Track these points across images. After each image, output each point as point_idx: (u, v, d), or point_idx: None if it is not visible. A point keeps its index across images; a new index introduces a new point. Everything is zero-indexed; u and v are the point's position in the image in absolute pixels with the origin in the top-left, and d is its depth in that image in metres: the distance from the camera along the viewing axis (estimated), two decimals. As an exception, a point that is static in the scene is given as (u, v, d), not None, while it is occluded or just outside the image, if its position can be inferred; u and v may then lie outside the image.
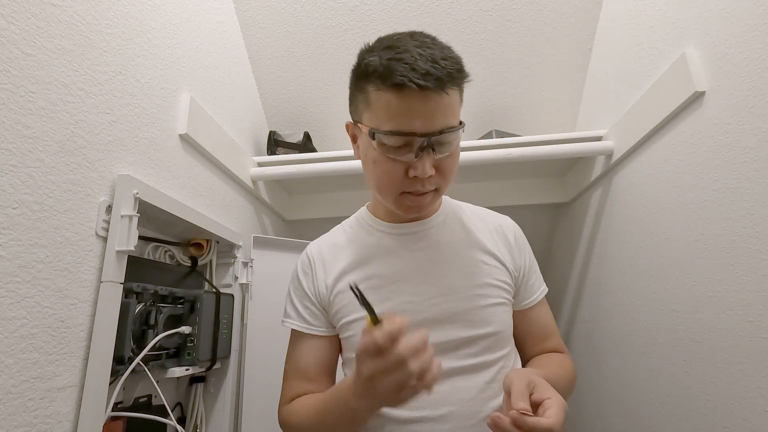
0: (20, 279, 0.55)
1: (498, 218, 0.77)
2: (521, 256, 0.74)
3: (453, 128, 0.57)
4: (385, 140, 0.57)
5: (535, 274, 0.75)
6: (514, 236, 0.75)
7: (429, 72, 0.53)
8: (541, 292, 0.75)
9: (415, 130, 0.55)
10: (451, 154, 0.60)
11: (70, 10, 0.66)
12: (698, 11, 0.86)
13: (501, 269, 0.70)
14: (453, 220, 0.74)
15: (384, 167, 0.60)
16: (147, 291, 0.79)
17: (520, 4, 1.34)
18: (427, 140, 0.56)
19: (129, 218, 0.71)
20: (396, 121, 0.56)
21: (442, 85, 0.54)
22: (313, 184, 1.60)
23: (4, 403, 0.52)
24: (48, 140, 0.61)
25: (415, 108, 0.55)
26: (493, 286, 0.68)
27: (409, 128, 0.56)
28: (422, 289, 0.67)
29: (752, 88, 0.73)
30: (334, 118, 1.59)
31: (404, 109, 0.55)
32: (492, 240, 0.73)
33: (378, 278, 0.69)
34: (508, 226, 0.76)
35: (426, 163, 0.57)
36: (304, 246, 1.35)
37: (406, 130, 0.56)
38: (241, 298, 1.15)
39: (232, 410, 1.05)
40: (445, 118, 0.56)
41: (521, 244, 0.75)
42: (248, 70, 1.45)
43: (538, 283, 0.75)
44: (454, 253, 0.70)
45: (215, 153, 1.08)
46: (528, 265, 0.74)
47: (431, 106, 0.55)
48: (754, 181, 0.74)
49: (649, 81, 1.04)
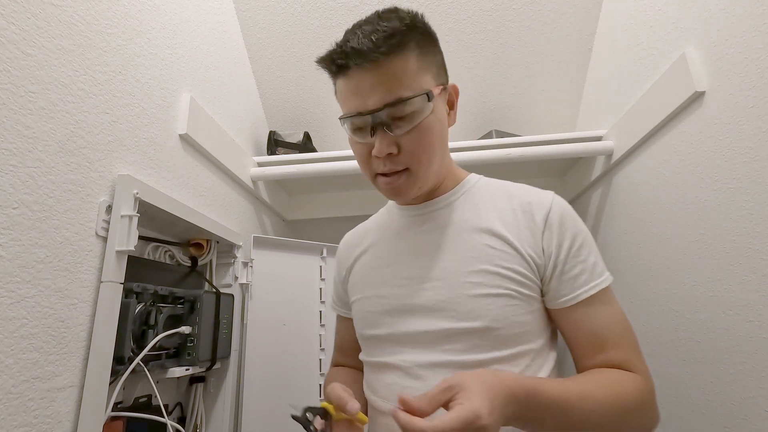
0: (20, 279, 0.55)
1: (531, 195, 0.63)
2: (554, 240, 0.59)
3: (399, 101, 0.53)
4: (346, 125, 0.58)
5: (583, 264, 0.58)
6: (545, 216, 0.60)
7: (358, 49, 0.52)
8: (591, 288, 0.57)
9: (360, 110, 0.55)
10: (414, 128, 0.55)
11: (70, 10, 0.66)
12: (698, 11, 0.86)
13: (511, 255, 0.58)
14: (469, 199, 0.65)
15: (356, 151, 0.61)
16: (147, 291, 0.79)
17: (520, 4, 1.34)
18: (374, 118, 0.54)
19: (129, 218, 0.71)
20: (347, 105, 0.57)
21: (375, 58, 0.52)
22: (313, 184, 1.60)
23: (4, 403, 0.52)
24: (48, 140, 0.61)
25: (357, 87, 0.54)
26: (493, 274, 0.57)
27: (355, 109, 0.55)
28: (414, 273, 0.62)
29: (752, 88, 0.73)
30: (334, 118, 1.59)
31: (348, 90, 0.56)
32: (510, 221, 0.61)
33: (379, 260, 0.69)
34: (539, 204, 0.61)
35: (380, 142, 0.55)
36: (304, 246, 1.36)
37: (353, 112, 0.56)
38: (241, 298, 1.15)
39: (232, 410, 1.05)
40: (388, 92, 0.53)
41: (556, 227, 0.59)
42: (248, 70, 1.45)
43: (586, 276, 0.58)
44: (455, 236, 0.62)
45: (215, 153, 1.08)
46: (567, 253, 0.58)
47: (370, 83, 0.53)
48: (754, 181, 0.74)
49: (649, 81, 1.04)
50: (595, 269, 0.58)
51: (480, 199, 0.65)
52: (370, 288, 0.68)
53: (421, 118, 0.55)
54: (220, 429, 1.01)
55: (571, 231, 0.60)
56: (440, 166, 0.63)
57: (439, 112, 0.59)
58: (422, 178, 0.60)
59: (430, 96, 0.55)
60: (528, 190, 0.65)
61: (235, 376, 1.07)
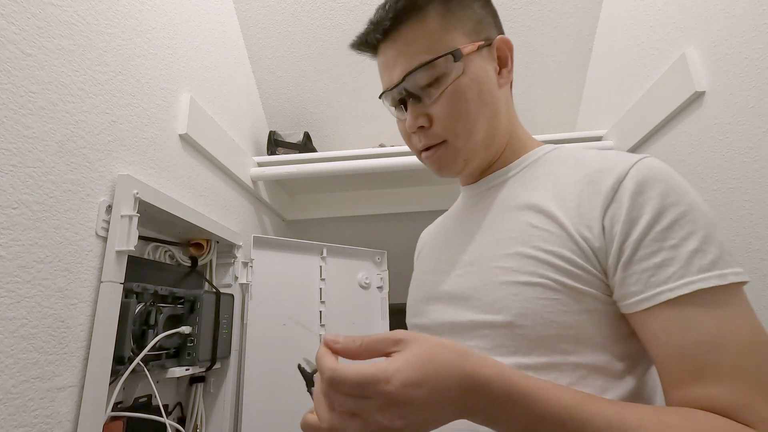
0: (20, 279, 0.55)
1: (608, 161, 0.46)
2: (623, 215, 0.41)
3: (419, 67, 0.48)
4: (386, 104, 0.56)
5: (671, 251, 0.39)
6: (616, 183, 0.42)
7: (375, 22, 0.51)
8: (682, 285, 0.37)
9: (388, 85, 0.52)
10: (443, 94, 0.49)
11: (70, 10, 0.66)
12: (698, 11, 0.86)
13: (555, 235, 0.44)
14: (529, 173, 0.53)
15: (399, 129, 0.58)
16: (147, 291, 0.79)
17: (520, 4, 1.34)
18: (399, 90, 0.51)
19: (129, 218, 0.71)
20: (383, 83, 0.54)
21: (389, 26, 0.49)
22: (313, 184, 1.60)
23: (4, 403, 0.52)
24: (48, 140, 0.61)
25: (385, 62, 0.52)
26: (528, 258, 0.44)
27: (385, 85, 0.53)
28: (455, 257, 0.54)
29: (752, 88, 0.73)
30: (334, 118, 1.59)
31: (381, 67, 0.54)
32: (568, 194, 0.46)
33: (433, 246, 0.63)
34: (612, 169, 0.44)
35: (409, 116, 0.51)
36: (304, 246, 1.36)
37: (384, 89, 0.54)
38: (241, 298, 1.15)
39: (232, 410, 1.05)
40: (408, 60, 0.49)
41: (629, 196, 0.41)
42: (248, 70, 1.45)
43: (675, 268, 0.38)
44: (498, 214, 0.52)
45: (215, 153, 1.08)
46: (642, 233, 0.40)
47: (393, 55, 0.51)
48: (754, 181, 0.74)
49: (649, 81, 1.04)
50: (695, 260, 0.38)
51: (542, 171, 0.52)
52: (418, 275, 0.63)
53: (449, 81, 0.48)
54: (220, 429, 1.01)
55: (655, 202, 0.40)
56: (488, 135, 0.52)
57: (476, 72, 0.50)
58: (463, 149, 0.51)
59: (457, 55, 0.48)
60: (608, 156, 0.47)
61: (235, 376, 1.07)
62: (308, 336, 1.27)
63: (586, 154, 0.50)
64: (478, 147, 0.52)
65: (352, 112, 1.55)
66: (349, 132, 1.61)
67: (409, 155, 1.28)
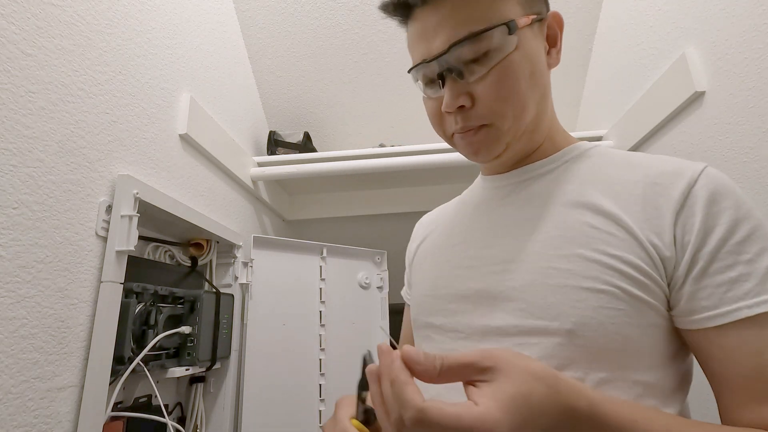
0: (20, 279, 0.55)
1: (667, 164, 0.43)
2: (696, 224, 0.39)
3: (469, 36, 0.41)
4: (414, 77, 0.48)
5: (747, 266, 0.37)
6: (686, 189, 0.40)
7: None
8: (762, 302, 0.36)
9: (425, 56, 0.45)
10: (492, 70, 0.43)
11: (70, 10, 0.66)
12: (698, 11, 0.86)
13: (622, 240, 0.40)
14: (573, 168, 0.49)
15: (427, 108, 0.50)
16: (147, 291, 0.79)
17: (520, 4, 1.34)
18: (440, 63, 0.43)
19: (129, 218, 0.71)
20: (415, 54, 0.47)
21: None
22: (313, 184, 1.60)
23: (4, 403, 0.52)
24: (48, 140, 0.61)
25: (423, 29, 0.45)
26: (592, 261, 0.40)
27: (420, 56, 0.45)
28: (485, 252, 0.48)
29: (752, 88, 0.73)
30: (334, 118, 1.59)
31: (414, 36, 0.46)
32: (626, 195, 0.43)
33: (448, 237, 0.56)
34: (678, 174, 0.42)
35: (449, 93, 0.44)
36: (304, 246, 1.36)
37: (419, 60, 0.45)
38: (241, 298, 1.15)
39: (232, 410, 1.05)
40: (455, 28, 0.42)
41: (703, 204, 0.39)
42: (248, 70, 1.45)
43: (752, 284, 0.37)
44: (545, 209, 0.46)
45: (215, 153, 1.08)
46: (718, 245, 0.38)
47: (435, 21, 0.43)
48: (754, 181, 0.74)
49: (649, 81, 1.04)
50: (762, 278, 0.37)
51: (589, 168, 0.48)
52: (432, 268, 0.56)
53: (501, 57, 0.42)
54: (220, 429, 1.01)
55: (731, 214, 0.39)
56: (535, 120, 0.48)
57: (530, 48, 0.45)
58: (509, 132, 0.46)
59: (512, 27, 0.42)
60: (665, 159, 0.45)
61: (235, 376, 1.07)
62: (308, 336, 1.28)
63: (636, 155, 0.48)
64: (524, 132, 0.47)
65: (352, 112, 1.55)
66: (349, 132, 1.61)
67: (409, 155, 1.28)
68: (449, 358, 0.32)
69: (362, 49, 1.43)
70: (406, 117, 1.55)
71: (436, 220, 0.63)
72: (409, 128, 1.56)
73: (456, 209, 0.61)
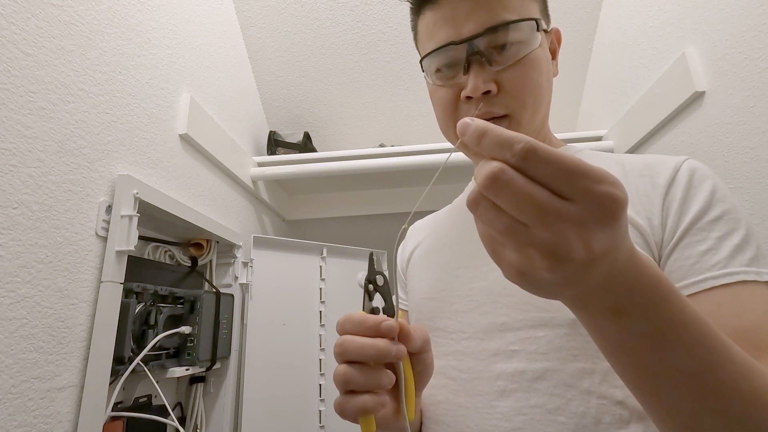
0: (20, 279, 0.55)
1: (653, 158, 0.47)
2: (676, 203, 0.42)
3: (504, 23, 0.43)
4: (430, 64, 0.48)
5: (718, 241, 0.39)
6: (671, 176, 0.43)
7: None
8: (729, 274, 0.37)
9: (453, 38, 0.45)
10: (520, 62, 0.44)
11: (70, 10, 0.66)
12: (698, 11, 0.86)
13: None
14: None
15: (438, 98, 0.50)
16: (147, 291, 0.79)
17: (520, 4, 1.34)
18: (470, 47, 0.44)
19: (129, 218, 0.71)
20: (436, 38, 0.47)
21: None
22: (313, 184, 1.60)
23: (4, 403, 0.52)
24: (48, 140, 0.61)
25: (451, 14, 0.45)
26: None
27: (446, 38, 0.46)
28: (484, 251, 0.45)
29: (752, 88, 0.73)
30: (334, 118, 1.59)
31: (438, 20, 0.47)
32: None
33: (444, 239, 0.56)
34: (663, 164, 0.45)
35: (475, 77, 0.44)
36: (304, 246, 1.36)
37: (445, 41, 0.46)
38: (241, 298, 1.15)
39: (232, 410, 1.05)
40: (490, 14, 0.43)
41: (683, 185, 0.42)
42: (248, 70, 1.45)
43: (720, 257, 0.38)
44: None
45: (215, 153, 1.08)
46: (692, 221, 0.40)
47: (467, 7, 0.44)
48: (754, 181, 0.74)
49: (649, 81, 1.04)
50: (739, 254, 0.38)
51: None
52: (429, 271, 0.56)
53: (528, 51, 0.45)
54: (220, 429, 1.01)
55: (706, 194, 0.41)
56: (543, 120, 0.50)
57: (546, 52, 0.48)
58: (525, 127, 0.47)
59: (540, 25, 0.45)
60: (649, 155, 0.49)
61: (235, 376, 1.07)
62: (308, 336, 1.27)
63: (624, 156, 0.50)
64: (535, 128, 0.49)
65: (352, 112, 1.55)
66: (349, 132, 1.61)
67: (409, 155, 1.28)
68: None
69: (362, 49, 1.43)
70: (406, 117, 1.55)
71: (429, 227, 0.63)
72: (409, 128, 1.56)
73: (449, 214, 0.62)
